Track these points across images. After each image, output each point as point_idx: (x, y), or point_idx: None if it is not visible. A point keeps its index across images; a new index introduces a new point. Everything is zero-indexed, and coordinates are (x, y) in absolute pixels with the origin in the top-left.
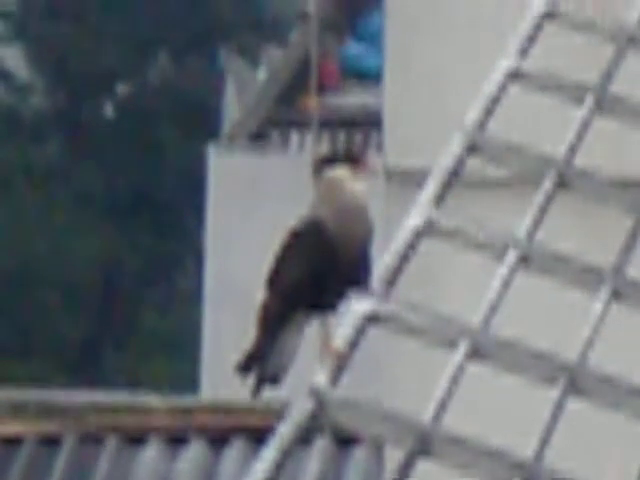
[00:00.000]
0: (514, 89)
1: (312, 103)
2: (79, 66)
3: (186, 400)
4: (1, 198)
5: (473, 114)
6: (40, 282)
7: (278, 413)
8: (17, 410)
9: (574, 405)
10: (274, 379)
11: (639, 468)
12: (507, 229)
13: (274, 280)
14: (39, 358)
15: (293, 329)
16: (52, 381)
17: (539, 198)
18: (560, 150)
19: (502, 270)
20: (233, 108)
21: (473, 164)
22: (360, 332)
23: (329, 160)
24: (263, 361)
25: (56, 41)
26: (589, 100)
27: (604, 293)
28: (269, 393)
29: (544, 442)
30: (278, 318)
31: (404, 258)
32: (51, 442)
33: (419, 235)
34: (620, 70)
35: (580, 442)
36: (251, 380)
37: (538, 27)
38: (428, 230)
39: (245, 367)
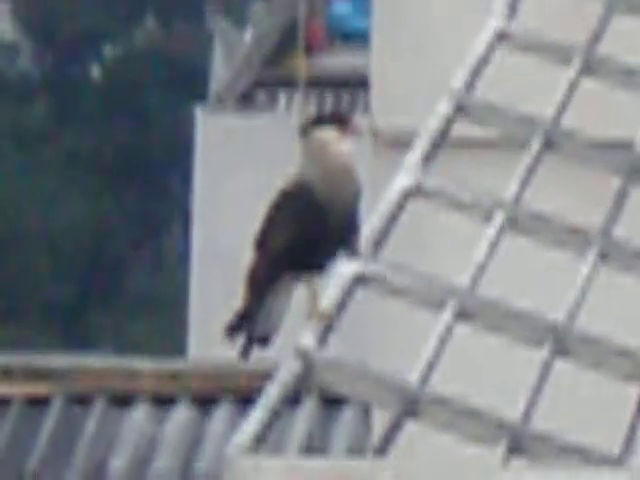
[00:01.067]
0: (501, 50)
1: (299, 64)
2: (66, 29)
3: (173, 362)
4: None
5: (460, 75)
6: (27, 245)
7: (266, 374)
8: (3, 373)
9: (560, 365)
10: (263, 340)
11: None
12: (494, 190)
13: (262, 242)
14: (25, 321)
15: (281, 290)
16: (39, 344)
17: (526, 159)
18: (547, 111)
19: (489, 231)
20: (221, 70)
21: (460, 125)
22: (347, 293)
23: (316, 121)
24: (252, 322)
25: (43, 3)
26: (576, 61)
27: (591, 254)
28: (258, 354)
29: (531, 403)
30: (266, 280)
31: (392, 219)
32: (38, 404)
33: (406, 196)
34: (608, 31)
35: (564, 402)
36: (240, 341)
37: None
38: (415, 191)
39: (234, 328)
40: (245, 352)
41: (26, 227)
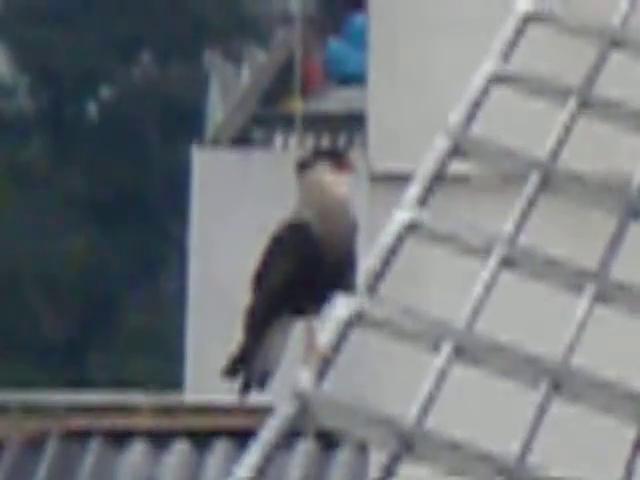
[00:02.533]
0: (497, 92)
1: (296, 103)
2: (62, 67)
3: (170, 400)
4: None
5: (456, 116)
6: (24, 282)
7: (262, 414)
8: (0, 411)
9: (559, 408)
10: (261, 382)
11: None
12: (491, 231)
13: (259, 283)
14: (22, 359)
15: (279, 332)
16: (35, 381)
17: (522, 200)
18: (544, 152)
19: (485, 272)
20: (217, 110)
21: (457, 165)
22: (344, 333)
23: (312, 158)
24: (249, 365)
25: (39, 42)
26: (572, 102)
27: (587, 295)
28: (255, 397)
29: (527, 445)
30: (264, 321)
31: (388, 259)
32: (35, 442)
33: (403, 236)
34: (604, 71)
35: (566, 444)
36: (238, 384)
37: (520, 29)
38: (412, 231)
39: (231, 371)
40: (243, 395)
41: (22, 264)
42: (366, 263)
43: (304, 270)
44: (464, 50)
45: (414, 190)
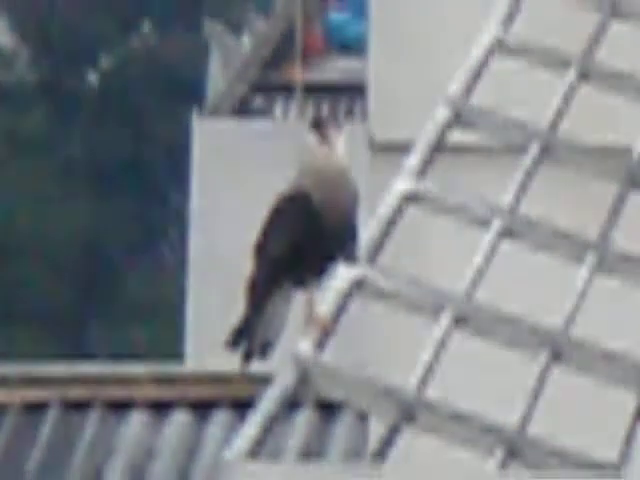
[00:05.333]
0: (498, 57)
1: (296, 70)
2: (63, 36)
3: (170, 369)
4: None
5: (457, 82)
6: (23, 251)
7: (263, 384)
8: (1, 381)
9: (556, 371)
10: (264, 348)
11: (623, 433)
12: (492, 197)
13: (260, 254)
14: (22, 328)
15: (280, 300)
16: (35, 351)
17: (523, 166)
18: (544, 119)
19: (487, 237)
20: (217, 77)
21: (458, 131)
22: (346, 299)
23: (319, 124)
24: (251, 335)
25: (40, 10)
26: (573, 68)
27: (590, 260)
28: (257, 366)
29: (529, 409)
30: (266, 287)
31: (389, 226)
32: (35, 410)
33: (404, 202)
34: (604, 39)
35: (560, 407)
36: (239, 354)
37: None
38: (413, 198)
39: (234, 341)
40: (245, 364)
41: (22, 234)
42: (367, 230)
43: (304, 240)
44: (465, 19)
45: (413, 160)
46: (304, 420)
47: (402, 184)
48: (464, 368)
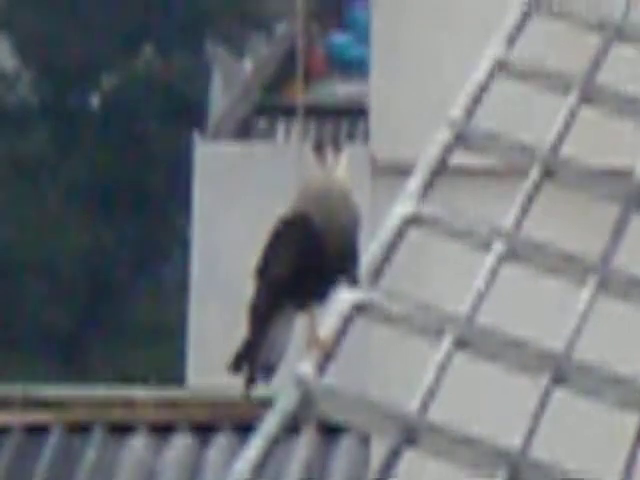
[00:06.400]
0: (500, 79)
1: (298, 92)
2: (65, 57)
3: (172, 392)
4: None
5: (459, 104)
6: (27, 273)
7: (265, 404)
8: (3, 403)
9: (558, 393)
10: (267, 371)
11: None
12: (493, 219)
13: (261, 276)
14: (25, 350)
15: (282, 324)
16: (38, 373)
17: (526, 187)
18: (546, 140)
19: (488, 260)
20: (219, 99)
21: (459, 154)
22: (347, 322)
23: (320, 148)
24: (253, 359)
25: (42, 32)
26: (575, 90)
27: (591, 283)
28: (259, 389)
29: (531, 432)
30: (268, 310)
31: (391, 248)
32: (38, 433)
33: (406, 225)
34: (606, 61)
35: (562, 430)
36: (242, 378)
37: (524, 18)
38: (415, 220)
39: (236, 365)
40: (248, 389)
41: (25, 255)
42: (369, 252)
43: (305, 263)
44: (467, 42)
45: (414, 183)
46: (306, 443)
47: (403, 207)
48: (467, 391)
